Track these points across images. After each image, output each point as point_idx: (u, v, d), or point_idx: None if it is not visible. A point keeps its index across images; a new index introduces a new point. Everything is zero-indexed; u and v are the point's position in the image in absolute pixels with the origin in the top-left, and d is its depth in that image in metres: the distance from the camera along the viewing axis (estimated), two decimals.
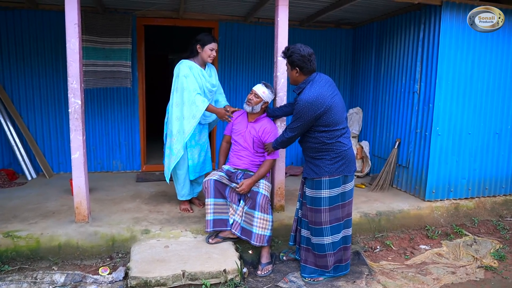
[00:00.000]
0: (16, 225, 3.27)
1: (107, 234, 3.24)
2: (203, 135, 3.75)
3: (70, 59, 3.07)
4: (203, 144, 3.75)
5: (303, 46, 2.77)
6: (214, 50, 3.56)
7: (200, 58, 3.57)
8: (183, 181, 3.73)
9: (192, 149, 3.66)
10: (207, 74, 3.64)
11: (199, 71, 3.55)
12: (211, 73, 3.72)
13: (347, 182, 2.89)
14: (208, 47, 3.52)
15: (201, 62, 3.61)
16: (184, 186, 3.75)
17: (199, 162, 3.73)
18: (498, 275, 3.22)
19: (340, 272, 3.03)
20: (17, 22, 4.69)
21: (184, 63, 3.53)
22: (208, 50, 3.53)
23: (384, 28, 4.93)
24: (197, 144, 3.69)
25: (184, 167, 3.67)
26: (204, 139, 3.77)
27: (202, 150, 3.75)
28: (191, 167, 3.67)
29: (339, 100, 2.80)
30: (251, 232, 3.11)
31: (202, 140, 3.75)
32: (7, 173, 4.67)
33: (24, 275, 2.85)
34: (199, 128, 3.67)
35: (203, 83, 3.56)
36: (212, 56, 3.57)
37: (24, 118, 4.90)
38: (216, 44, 3.57)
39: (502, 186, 4.51)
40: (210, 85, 3.63)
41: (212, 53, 3.56)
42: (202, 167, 3.79)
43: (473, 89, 4.12)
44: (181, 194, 3.78)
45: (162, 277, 2.71)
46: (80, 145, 3.19)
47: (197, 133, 3.66)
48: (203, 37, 3.54)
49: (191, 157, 3.66)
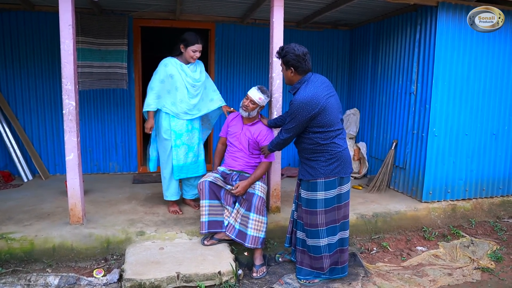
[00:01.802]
0: (11, 227, 3.25)
1: (102, 236, 3.22)
2: (192, 136, 3.69)
3: (64, 61, 3.06)
4: (191, 145, 3.69)
5: (297, 46, 2.76)
6: (197, 52, 3.52)
7: (184, 57, 3.57)
8: (168, 181, 3.73)
9: (177, 149, 3.61)
10: (191, 69, 3.62)
11: (179, 66, 3.55)
12: (195, 68, 3.68)
13: (343, 184, 2.88)
14: (191, 49, 3.50)
15: (184, 60, 3.61)
16: (169, 186, 3.74)
17: (185, 164, 3.68)
18: (495, 277, 3.21)
19: (336, 274, 3.01)
20: (13, 23, 4.68)
21: (163, 61, 3.57)
22: (190, 52, 3.51)
23: (381, 29, 4.92)
24: (183, 144, 3.63)
25: (168, 166, 3.67)
26: (194, 140, 3.71)
27: (190, 151, 3.69)
28: (175, 167, 3.63)
29: (334, 101, 2.78)
30: (245, 234, 3.09)
31: (192, 140, 3.69)
32: (2, 175, 4.66)
33: (17, 277, 2.83)
34: (187, 128, 3.63)
35: (183, 78, 3.55)
36: (195, 57, 3.55)
37: (20, 119, 4.88)
38: (200, 45, 3.52)
39: (500, 187, 4.50)
40: (191, 79, 3.59)
41: (195, 55, 3.53)
42: (191, 169, 3.73)
43: (470, 89, 4.12)
44: (165, 194, 3.79)
45: (157, 279, 2.69)
46: (74, 146, 3.17)
47: (184, 133, 3.62)
48: (187, 37, 3.50)
49: (176, 157, 3.62)
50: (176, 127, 3.61)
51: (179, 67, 3.56)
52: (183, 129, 3.62)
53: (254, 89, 3.22)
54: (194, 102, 3.63)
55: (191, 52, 3.50)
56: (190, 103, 3.60)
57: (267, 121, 3.37)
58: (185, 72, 3.57)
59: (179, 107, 3.57)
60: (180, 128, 3.61)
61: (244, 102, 3.22)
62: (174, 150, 3.61)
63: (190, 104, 3.60)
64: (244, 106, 3.22)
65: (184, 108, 3.58)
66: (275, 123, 3.34)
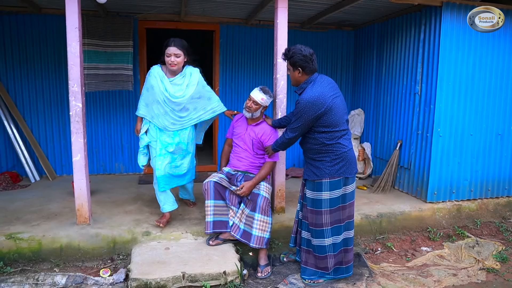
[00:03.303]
0: (19, 227, 3.30)
1: (108, 236, 3.26)
2: (179, 146, 3.39)
3: (71, 63, 3.10)
4: (177, 156, 3.40)
5: (303, 47, 2.78)
6: (173, 56, 3.14)
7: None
8: (156, 193, 3.50)
9: (162, 158, 3.35)
10: (176, 81, 3.27)
11: (160, 77, 3.25)
12: (183, 79, 3.30)
13: (348, 184, 2.89)
14: (166, 53, 3.17)
15: (168, 69, 3.27)
16: (159, 199, 3.49)
17: (172, 175, 3.42)
18: (500, 277, 3.20)
19: (341, 274, 3.02)
20: (20, 26, 4.74)
21: (151, 68, 3.32)
22: (165, 57, 3.18)
23: (385, 30, 4.92)
24: (168, 154, 3.36)
25: (155, 177, 3.43)
26: (181, 151, 3.41)
27: (174, 161, 3.39)
28: (158, 178, 3.37)
29: (340, 102, 2.80)
30: (250, 234, 3.11)
31: (179, 151, 3.40)
32: (10, 176, 4.72)
33: (26, 276, 2.87)
34: (172, 137, 3.36)
35: (162, 91, 3.23)
36: (173, 63, 3.16)
37: (27, 121, 4.94)
38: (174, 48, 3.14)
39: (505, 188, 4.48)
40: (169, 95, 3.24)
41: (170, 60, 3.15)
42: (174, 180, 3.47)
43: (475, 90, 4.11)
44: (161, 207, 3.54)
45: (162, 279, 2.72)
46: (81, 147, 3.21)
47: (169, 144, 3.35)
48: (166, 41, 3.20)
49: (158, 167, 3.35)
50: (162, 137, 3.35)
51: (159, 78, 3.24)
52: (169, 140, 3.35)
53: (256, 90, 3.25)
54: (181, 114, 3.35)
55: (166, 57, 3.17)
56: (174, 117, 3.32)
57: (271, 121, 3.39)
58: (164, 85, 3.24)
59: (161, 121, 3.31)
60: (166, 139, 3.35)
61: (247, 103, 3.25)
62: (158, 159, 3.35)
63: (175, 117, 3.33)
64: (247, 107, 3.24)
65: (169, 121, 3.31)
66: (280, 123, 3.35)
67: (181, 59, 3.21)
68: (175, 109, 3.30)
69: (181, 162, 3.46)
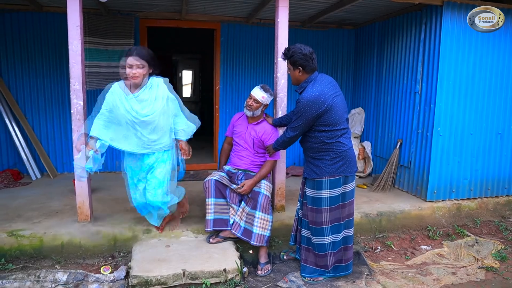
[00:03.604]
0: (20, 224, 3.32)
1: (109, 233, 3.27)
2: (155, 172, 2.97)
3: (72, 61, 3.11)
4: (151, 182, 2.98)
5: (303, 46, 2.79)
6: (134, 67, 2.70)
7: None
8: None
9: (134, 188, 3.09)
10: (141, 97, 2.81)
11: (122, 94, 2.82)
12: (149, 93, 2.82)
13: (348, 183, 2.90)
14: (127, 63, 2.73)
15: (131, 83, 2.84)
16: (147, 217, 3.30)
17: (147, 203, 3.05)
18: (499, 276, 3.21)
19: (341, 272, 3.03)
20: (22, 24, 4.75)
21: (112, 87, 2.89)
22: (126, 68, 2.74)
23: (386, 29, 4.93)
24: (140, 182, 3.04)
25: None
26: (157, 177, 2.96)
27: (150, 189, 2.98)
28: (136, 207, 3.17)
29: (340, 101, 2.81)
30: (251, 232, 3.13)
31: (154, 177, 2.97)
32: (12, 173, 4.74)
33: (27, 273, 2.89)
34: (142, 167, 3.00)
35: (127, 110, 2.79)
36: (134, 75, 2.72)
37: (28, 119, 4.96)
38: (133, 58, 2.71)
39: (505, 187, 4.49)
40: (136, 113, 2.79)
41: (131, 71, 2.71)
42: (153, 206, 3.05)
43: (475, 89, 4.11)
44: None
45: (163, 276, 2.74)
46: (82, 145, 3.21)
47: (138, 171, 3.02)
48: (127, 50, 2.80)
49: (134, 197, 3.11)
50: (132, 162, 3.01)
51: (122, 95, 2.80)
52: (139, 165, 2.99)
53: (257, 88, 3.26)
54: (153, 137, 2.91)
55: (127, 68, 2.72)
56: (143, 140, 2.91)
57: (272, 120, 3.40)
58: (129, 102, 2.80)
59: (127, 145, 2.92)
60: (135, 164, 3.01)
61: (248, 102, 3.26)
62: (131, 189, 3.09)
63: (145, 139, 2.91)
64: (248, 105, 3.25)
65: (138, 144, 2.92)
66: (280, 122, 3.36)
67: (144, 70, 2.77)
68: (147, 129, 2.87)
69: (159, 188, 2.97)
